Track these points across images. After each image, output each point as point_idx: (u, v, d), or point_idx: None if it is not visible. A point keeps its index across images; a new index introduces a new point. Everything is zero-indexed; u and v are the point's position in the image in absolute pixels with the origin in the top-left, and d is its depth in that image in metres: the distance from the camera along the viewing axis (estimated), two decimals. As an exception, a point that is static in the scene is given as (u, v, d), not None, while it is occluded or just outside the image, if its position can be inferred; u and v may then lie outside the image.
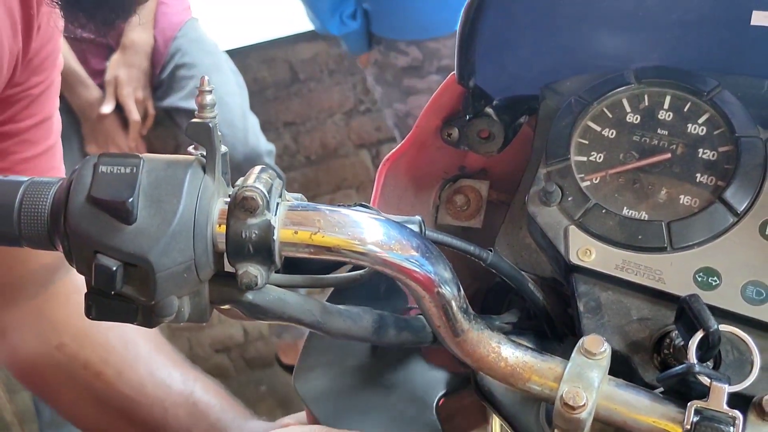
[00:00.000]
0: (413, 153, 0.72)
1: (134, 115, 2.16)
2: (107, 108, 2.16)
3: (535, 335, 0.64)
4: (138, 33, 2.10)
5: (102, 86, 2.17)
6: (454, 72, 0.66)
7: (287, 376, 2.83)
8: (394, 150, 0.71)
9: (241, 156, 2.14)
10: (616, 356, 0.54)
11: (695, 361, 0.52)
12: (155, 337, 0.88)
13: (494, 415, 0.69)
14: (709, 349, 0.53)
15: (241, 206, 0.47)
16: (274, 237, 0.48)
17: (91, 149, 2.19)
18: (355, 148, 2.75)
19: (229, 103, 2.17)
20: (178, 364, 0.86)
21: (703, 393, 0.51)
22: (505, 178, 0.73)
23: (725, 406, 0.50)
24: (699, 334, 0.52)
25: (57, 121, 0.83)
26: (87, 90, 2.13)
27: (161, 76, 2.21)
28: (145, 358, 0.84)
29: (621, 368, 0.56)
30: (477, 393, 0.64)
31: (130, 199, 0.45)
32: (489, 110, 0.69)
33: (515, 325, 0.66)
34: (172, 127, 2.33)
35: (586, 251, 0.60)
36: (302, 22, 2.53)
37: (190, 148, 0.52)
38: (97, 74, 2.18)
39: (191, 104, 2.16)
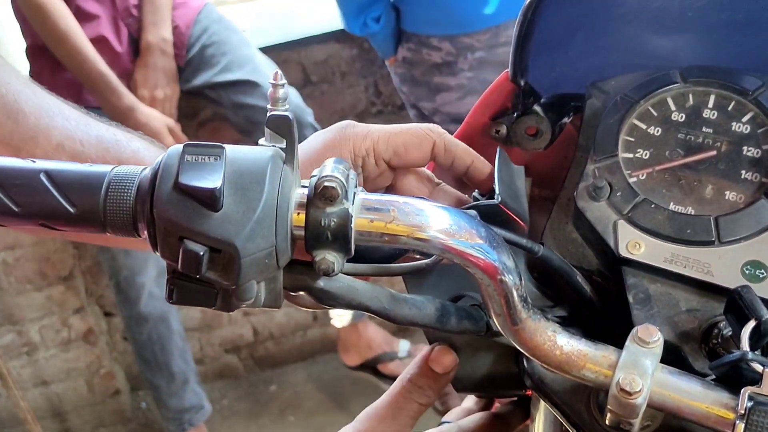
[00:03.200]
0: None
1: None
2: None
3: (582, 329, 0.66)
4: (152, 34, 2.11)
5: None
6: (507, 71, 0.68)
7: (296, 375, 2.85)
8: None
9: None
10: (666, 346, 0.56)
11: (747, 349, 0.54)
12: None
13: (541, 406, 0.71)
14: (760, 338, 0.54)
15: (321, 195, 0.48)
16: (352, 225, 0.49)
17: None
18: (366, 149, 2.75)
19: (267, 73, 2.20)
20: None
21: (754, 380, 0.52)
22: (546, 176, 0.75)
23: None
24: (751, 323, 0.54)
25: None
26: (118, 98, 2.08)
27: (188, 56, 2.21)
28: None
29: (670, 357, 0.57)
30: (527, 382, 0.65)
31: (218, 187, 0.46)
32: (537, 108, 0.71)
33: (564, 319, 0.68)
34: (204, 103, 2.34)
35: (635, 244, 0.62)
36: (314, 25, 2.55)
37: (261, 141, 0.54)
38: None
39: (227, 77, 2.21)
